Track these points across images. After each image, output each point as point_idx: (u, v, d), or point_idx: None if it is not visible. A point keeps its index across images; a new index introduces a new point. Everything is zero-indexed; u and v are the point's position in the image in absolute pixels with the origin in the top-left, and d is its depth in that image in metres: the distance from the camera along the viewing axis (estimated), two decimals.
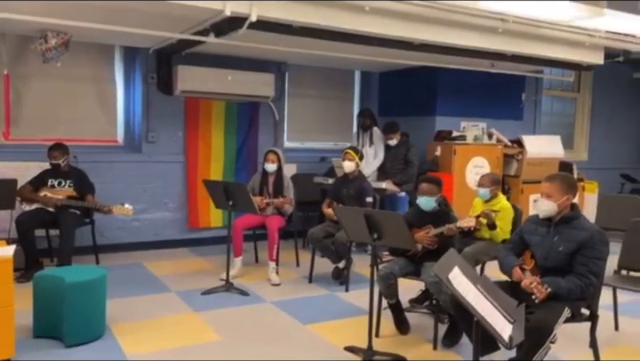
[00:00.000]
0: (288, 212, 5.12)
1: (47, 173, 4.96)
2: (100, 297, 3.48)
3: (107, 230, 5.60)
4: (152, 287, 4.62)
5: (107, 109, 5.93)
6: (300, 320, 3.91)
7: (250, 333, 3.66)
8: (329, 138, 7.30)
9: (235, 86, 5.98)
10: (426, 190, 3.70)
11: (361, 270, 5.16)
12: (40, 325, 3.42)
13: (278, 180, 5.12)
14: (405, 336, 3.66)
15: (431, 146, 6.49)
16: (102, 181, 5.34)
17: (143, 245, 5.88)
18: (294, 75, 6.85)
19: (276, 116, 6.63)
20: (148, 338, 3.51)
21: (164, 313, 3.98)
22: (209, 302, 4.23)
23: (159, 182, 6.01)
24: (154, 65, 5.85)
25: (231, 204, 4.47)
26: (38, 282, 3.45)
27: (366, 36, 4.66)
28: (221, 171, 6.34)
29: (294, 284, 4.83)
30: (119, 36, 5.13)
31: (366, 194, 4.84)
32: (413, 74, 6.67)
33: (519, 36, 5.30)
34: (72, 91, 5.69)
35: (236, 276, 4.79)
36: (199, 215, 6.23)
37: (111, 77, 5.94)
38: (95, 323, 3.44)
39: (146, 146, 5.92)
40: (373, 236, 3.15)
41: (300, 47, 5.10)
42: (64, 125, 5.64)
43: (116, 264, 5.20)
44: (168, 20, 4.28)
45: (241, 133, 6.44)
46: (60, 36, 4.69)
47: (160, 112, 5.94)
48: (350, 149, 5.02)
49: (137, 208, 5.16)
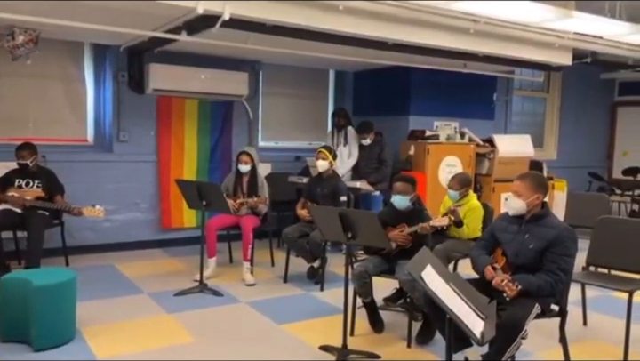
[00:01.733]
0: (262, 211, 5.09)
1: (14, 173, 4.82)
2: (69, 300, 3.41)
3: (76, 231, 5.49)
4: (124, 289, 4.54)
5: (76, 108, 5.81)
6: (274, 320, 3.90)
7: (224, 334, 3.63)
8: (303, 137, 7.30)
9: (208, 85, 5.92)
10: (400, 189, 3.73)
11: (336, 269, 5.17)
12: (7, 329, 3.33)
13: (252, 180, 5.08)
14: (380, 334, 3.68)
15: (405, 145, 6.54)
16: (72, 182, 5.23)
17: (114, 246, 5.78)
18: (268, 74, 6.82)
19: (250, 116, 6.59)
20: (120, 340, 3.45)
21: (136, 315, 3.92)
22: (182, 303, 4.18)
23: (131, 182, 5.90)
24: (125, 63, 5.74)
25: (205, 204, 4.42)
26: (5, 285, 3.36)
27: (340, 36, 4.66)
28: (195, 170, 6.28)
29: (269, 283, 4.81)
30: (88, 34, 5.03)
31: (340, 193, 4.86)
32: (387, 73, 6.71)
33: (490, 36, 5.38)
34: (40, 89, 5.56)
35: (210, 277, 4.75)
36: (172, 215, 6.15)
37: (81, 76, 5.81)
38: (65, 326, 3.37)
39: (117, 145, 5.81)
40: (348, 235, 3.16)
41: (274, 46, 5.07)
42: (32, 124, 5.51)
43: (87, 266, 5.10)
44: (139, 17, 4.21)
45: (214, 133, 6.39)
46: (28, 32, 4.57)
47: (131, 111, 5.84)
48: (324, 149, 5.03)
49: (108, 209, 5.07)
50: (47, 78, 5.58)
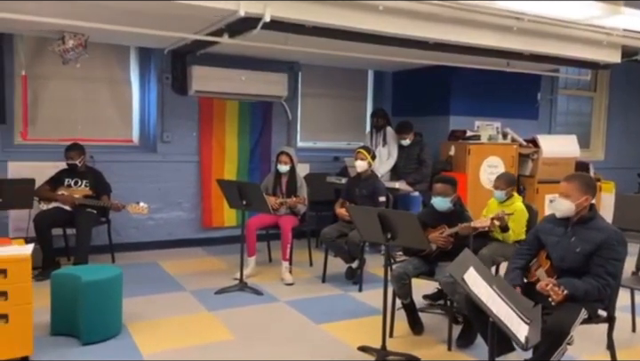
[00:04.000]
0: (301, 211, 5.12)
1: (64, 173, 5.02)
2: (116, 296, 3.52)
3: (122, 229, 5.67)
4: (167, 286, 4.65)
5: (122, 110, 6.00)
6: (313, 320, 3.92)
7: (263, 333, 3.67)
8: (342, 137, 7.30)
9: (248, 86, 6.01)
10: (440, 190, 3.68)
11: (374, 270, 5.15)
12: (57, 323, 3.46)
13: (291, 180, 5.12)
14: (419, 336, 3.64)
15: (445, 145, 6.45)
16: (118, 181, 5.40)
17: (158, 244, 5.93)
18: (307, 74, 6.86)
19: (289, 116, 6.64)
20: (163, 336, 3.54)
21: (178, 312, 4.01)
22: (223, 302, 4.25)
23: (174, 182, 6.05)
24: (168, 65, 5.89)
25: (245, 204, 4.48)
26: (55, 280, 3.49)
27: (380, 36, 4.64)
28: (235, 170, 6.38)
29: (307, 283, 4.84)
30: (134, 37, 5.18)
31: (379, 193, 4.84)
32: (427, 73, 6.64)
33: (535, 34, 5.25)
34: (88, 91, 5.76)
35: (249, 276, 4.81)
36: (213, 215, 6.26)
37: (127, 78, 6.00)
38: (111, 321, 3.48)
39: (161, 146, 5.97)
40: (387, 236, 3.15)
41: (313, 47, 5.10)
42: (81, 126, 5.71)
43: (132, 263, 5.25)
44: (182, 20, 4.31)
45: (254, 133, 6.47)
46: (78, 37, 4.75)
47: (175, 112, 5.98)
48: (362, 149, 5.02)
49: (152, 207, 5.20)
50: (95, 81, 5.78)
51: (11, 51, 5.28)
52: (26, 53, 5.42)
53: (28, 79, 5.44)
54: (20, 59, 5.38)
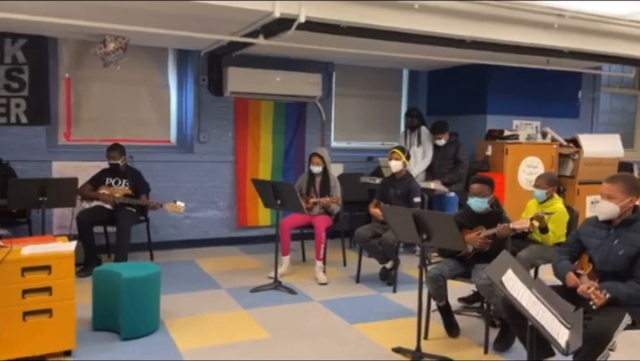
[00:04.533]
0: (335, 211, 5.13)
1: (105, 173, 5.17)
2: (154, 292, 3.60)
3: (160, 228, 5.79)
4: (203, 284, 4.73)
5: (161, 111, 6.13)
6: (347, 320, 3.92)
7: (298, 331, 3.69)
8: (376, 137, 7.27)
9: (283, 87, 6.05)
10: (477, 191, 3.62)
11: (409, 271, 5.11)
12: (99, 318, 3.57)
13: (325, 180, 5.13)
14: (455, 339, 3.60)
15: (482, 145, 6.35)
16: (156, 180, 5.52)
17: (194, 243, 6.04)
18: (341, 74, 6.86)
19: (323, 116, 6.65)
20: (200, 333, 3.61)
21: (214, 309, 4.07)
22: (258, 300, 4.30)
23: (210, 181, 6.15)
24: (205, 67, 5.99)
25: (279, 204, 4.52)
26: (97, 277, 3.60)
27: (415, 35, 4.60)
28: (270, 170, 6.43)
29: (341, 283, 4.84)
30: (172, 40, 5.29)
31: (414, 194, 4.79)
32: (463, 72, 6.54)
33: (576, 31, 5.10)
34: (128, 93, 5.92)
35: (283, 275, 4.84)
36: (248, 214, 6.33)
37: (165, 80, 6.13)
38: (150, 317, 3.56)
39: (197, 146, 6.08)
40: (422, 237, 3.12)
41: (348, 47, 5.10)
42: (121, 126, 5.87)
43: (169, 261, 5.36)
44: (219, 22, 4.38)
45: (289, 133, 6.52)
46: (118, 40, 4.88)
47: (211, 113, 6.08)
48: (397, 149, 4.98)
49: (188, 206, 5.30)
50: (134, 83, 5.93)
51: (55, 54, 5.48)
52: (69, 56, 5.61)
53: (71, 81, 5.63)
54: (63, 62, 5.58)
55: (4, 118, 5.18)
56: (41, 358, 3.05)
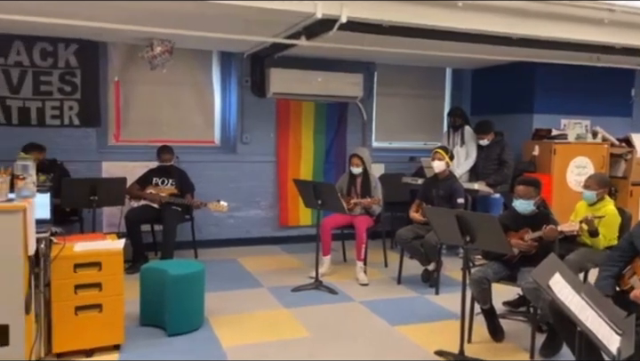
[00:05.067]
0: (376, 212, 5.10)
1: (152, 172, 5.33)
2: (199, 290, 3.68)
3: (204, 227, 5.92)
4: (245, 282, 4.81)
5: (205, 112, 6.26)
6: (388, 321, 3.89)
7: (339, 332, 3.70)
8: (418, 137, 7.19)
9: (324, 87, 6.08)
10: (523, 193, 3.53)
11: (451, 273, 5.03)
12: (146, 314, 3.68)
13: (365, 181, 5.12)
14: (500, 343, 3.51)
15: (528, 145, 6.18)
16: (200, 180, 5.65)
17: (237, 242, 6.14)
18: (383, 74, 6.82)
19: (365, 116, 6.64)
20: (243, 331, 3.66)
21: (256, 307, 4.13)
22: (299, 299, 4.33)
23: (252, 181, 6.24)
24: (248, 69, 6.09)
25: (320, 204, 4.54)
26: (144, 274, 3.71)
27: (459, 33, 4.53)
28: (311, 170, 6.47)
29: (382, 284, 4.81)
30: (217, 42, 5.40)
31: (457, 195, 4.72)
32: (509, 69, 6.39)
33: (629, 26, 4.89)
34: (174, 95, 6.07)
35: (324, 275, 4.86)
36: (289, 214, 6.39)
37: (209, 82, 6.26)
38: (195, 314, 3.64)
39: (240, 146, 6.18)
40: (466, 239, 3.07)
41: (390, 46, 5.07)
42: (167, 128, 6.03)
43: (212, 259, 5.47)
44: (262, 24, 4.43)
45: (330, 133, 6.54)
46: (165, 43, 5.02)
47: (253, 114, 6.17)
48: (440, 149, 4.91)
49: (231, 206, 5.39)
50: (179, 85, 6.08)
51: (105, 58, 5.68)
52: (118, 60, 5.81)
53: (120, 84, 5.83)
54: (113, 65, 5.78)
55: (57, 120, 5.42)
56: (91, 352, 3.17)
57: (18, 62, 5.23)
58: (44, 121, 5.36)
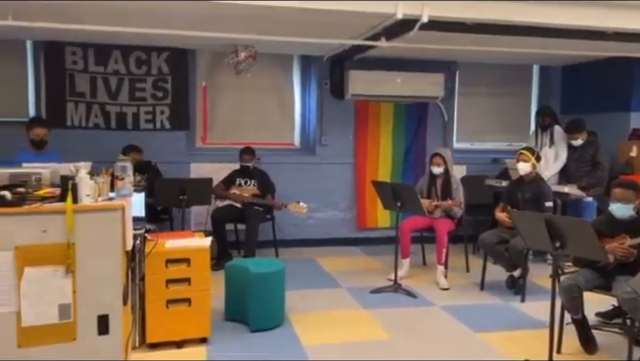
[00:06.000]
0: (457, 215, 4.98)
1: (236, 173, 5.55)
2: (280, 288, 3.78)
3: (284, 227, 6.05)
4: (324, 282, 4.87)
5: (286, 115, 6.42)
6: (470, 327, 3.79)
7: (419, 335, 3.65)
8: (502, 138, 6.93)
9: (403, 88, 6.02)
10: (620, 196, 3.30)
11: (538, 280, 4.80)
12: (230, 310, 3.83)
13: (446, 182, 5.01)
14: (592, 356, 3.31)
15: (624, 146, 5.75)
16: (280, 181, 5.78)
17: (315, 242, 6.23)
18: (465, 73, 6.64)
19: (445, 117, 6.50)
20: (322, 330, 3.71)
21: (335, 307, 4.17)
22: (378, 301, 4.32)
23: (331, 183, 6.30)
24: (327, 71, 6.16)
25: (399, 206, 4.50)
26: (229, 271, 3.87)
27: (548, 28, 4.31)
28: (389, 172, 6.43)
29: (464, 289, 4.68)
30: (298, 47, 5.51)
31: (545, 198, 4.49)
32: (603, 66, 6.00)
33: None
34: (256, 99, 6.27)
35: (403, 278, 4.81)
36: (367, 215, 6.39)
37: (289, 85, 6.40)
38: (276, 311, 3.74)
39: (319, 148, 6.26)
40: (555, 245, 2.92)
41: (473, 44, 4.93)
42: (249, 130, 6.23)
43: (292, 258, 5.56)
44: (342, 27, 4.47)
45: (409, 135, 6.47)
46: (248, 49, 5.21)
47: (332, 116, 6.23)
48: (525, 150, 4.71)
49: (310, 207, 5.47)
50: (262, 89, 6.27)
51: (194, 64, 5.98)
52: (205, 66, 6.09)
53: (207, 89, 6.11)
54: (201, 71, 6.07)
55: (150, 124, 5.78)
56: (181, 343, 3.34)
57: (116, 70, 5.64)
58: (138, 125, 5.73)
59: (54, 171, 2.85)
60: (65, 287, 2.58)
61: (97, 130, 5.64)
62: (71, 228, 2.54)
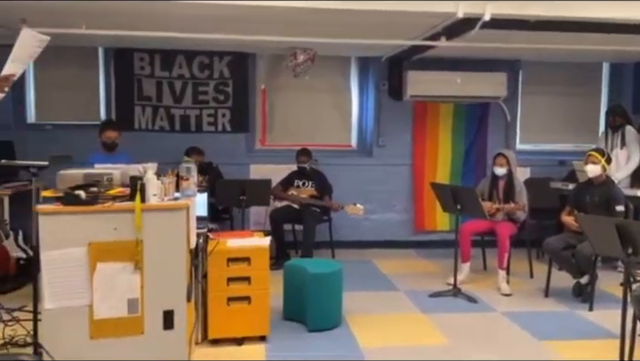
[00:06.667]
0: (520, 218, 4.82)
1: (294, 175, 5.63)
2: (337, 288, 3.79)
3: (340, 228, 6.06)
4: (381, 284, 4.84)
5: (343, 116, 6.44)
6: (535, 335, 3.65)
7: (480, 341, 3.56)
8: (569, 139, 6.64)
9: (464, 88, 5.91)
10: None
11: (608, 288, 4.58)
12: (288, 309, 3.87)
13: (509, 185, 4.86)
14: None
15: None
16: (337, 183, 5.80)
17: (371, 244, 6.20)
18: (529, 72, 6.42)
19: (508, 117, 6.32)
20: (380, 332, 3.69)
21: (393, 310, 4.14)
22: (436, 305, 4.25)
23: (387, 185, 6.26)
24: (385, 72, 6.13)
25: (459, 208, 4.41)
26: (287, 270, 3.91)
27: (618, 24, 4.10)
28: (448, 174, 6.32)
29: (527, 296, 4.53)
30: (356, 48, 5.52)
31: (616, 201, 4.27)
32: None
33: None
34: (314, 101, 6.33)
35: (463, 282, 4.70)
36: (425, 218, 6.30)
37: (347, 87, 6.42)
38: (333, 312, 3.75)
39: (376, 150, 6.24)
40: (627, 251, 2.77)
41: (537, 42, 4.76)
42: (307, 132, 6.30)
43: (348, 259, 5.55)
44: (401, 27, 4.45)
45: (469, 136, 6.34)
46: (307, 51, 5.28)
47: (390, 117, 6.20)
48: (595, 151, 4.49)
49: (367, 208, 5.46)
50: (319, 91, 6.32)
51: (254, 68, 6.13)
52: (265, 70, 6.22)
53: (266, 92, 6.22)
54: (260, 74, 6.21)
55: (212, 127, 5.97)
56: (241, 340, 3.42)
57: (180, 75, 5.86)
58: (201, 127, 5.93)
59: (124, 171, 2.99)
60: (133, 282, 2.71)
61: (162, 132, 5.88)
62: (139, 226, 2.67)
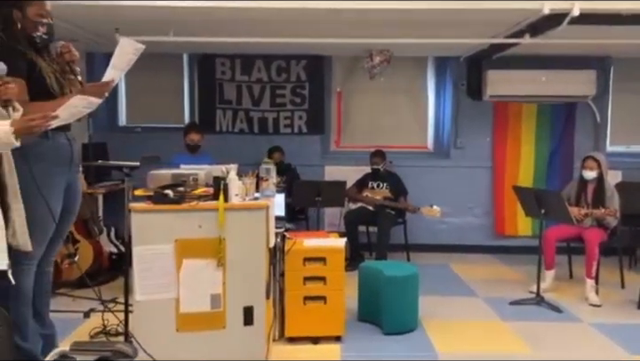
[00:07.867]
0: (611, 225, 4.53)
1: (368, 176, 5.63)
2: (413, 292, 3.74)
3: (416, 230, 5.97)
4: (459, 289, 4.72)
5: (419, 118, 6.36)
6: (627, 349, 3.41)
7: (564, 352, 3.38)
8: None
9: (549, 87, 5.66)
10: None
11: None
12: (363, 310, 3.87)
13: (599, 189, 4.58)
14: None
15: None
16: (412, 185, 5.72)
17: (449, 248, 6.05)
18: (621, 69, 6.02)
19: (597, 117, 5.95)
20: (458, 338, 3.60)
21: (471, 316, 4.03)
22: (518, 313, 4.08)
23: (465, 187, 6.09)
24: (464, 72, 5.98)
25: (543, 213, 4.21)
26: (362, 272, 3.92)
27: None
28: (531, 177, 6.06)
29: (618, 307, 4.24)
30: (433, 48, 5.43)
31: None
32: None
33: None
34: (389, 102, 6.30)
35: (546, 290, 4.48)
36: (506, 222, 6.07)
37: (423, 87, 6.33)
38: (409, 316, 3.71)
39: (454, 151, 6.10)
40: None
41: (631, 37, 4.46)
42: (382, 133, 6.27)
43: (424, 263, 5.45)
44: (482, 26, 4.32)
45: (554, 137, 6.04)
46: (383, 53, 5.26)
47: (468, 118, 6.03)
48: None
49: (444, 211, 5.34)
50: (395, 92, 6.27)
51: (330, 71, 6.19)
52: (340, 72, 6.27)
53: (342, 94, 6.27)
54: (336, 77, 6.27)
55: (289, 129, 6.10)
56: (316, 340, 3.45)
57: (259, 79, 6.03)
58: (278, 129, 6.08)
59: (208, 172, 3.12)
60: (216, 279, 2.82)
61: (242, 134, 6.08)
62: (222, 225, 2.77)
